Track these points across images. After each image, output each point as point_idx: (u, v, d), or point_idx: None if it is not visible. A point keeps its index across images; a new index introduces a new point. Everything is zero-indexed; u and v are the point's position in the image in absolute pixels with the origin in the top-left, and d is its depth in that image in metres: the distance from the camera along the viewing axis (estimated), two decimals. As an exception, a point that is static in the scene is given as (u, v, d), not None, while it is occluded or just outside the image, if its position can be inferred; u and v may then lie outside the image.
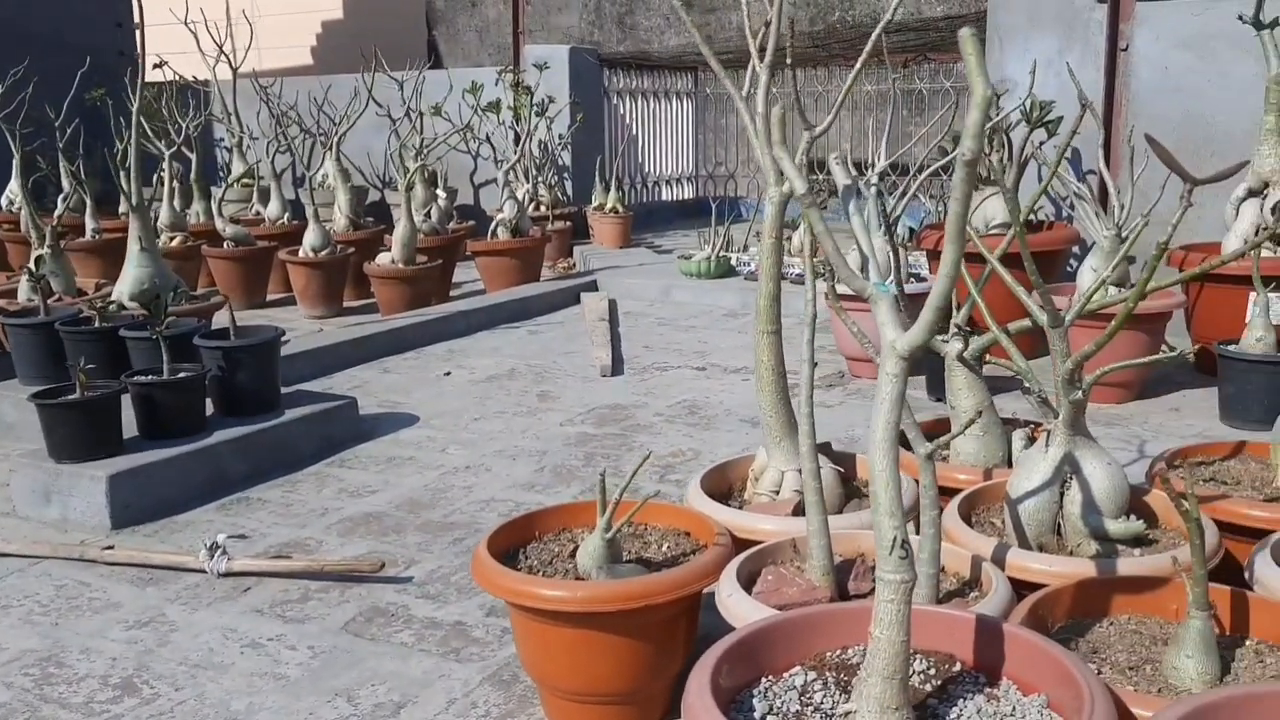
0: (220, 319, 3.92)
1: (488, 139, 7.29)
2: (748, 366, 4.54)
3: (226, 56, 7.58)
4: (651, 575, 1.83)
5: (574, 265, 7.00)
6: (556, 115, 7.97)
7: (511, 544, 2.07)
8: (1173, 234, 1.95)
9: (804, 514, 2.16)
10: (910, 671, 1.48)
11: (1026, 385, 2.05)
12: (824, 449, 2.38)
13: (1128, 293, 2.43)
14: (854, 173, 4.49)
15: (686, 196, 10.17)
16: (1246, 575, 1.81)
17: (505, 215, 6.14)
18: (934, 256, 4.55)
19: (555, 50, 8.42)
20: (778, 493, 2.20)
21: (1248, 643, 1.64)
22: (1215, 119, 4.52)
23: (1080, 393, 1.91)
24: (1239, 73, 4.39)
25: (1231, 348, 3.56)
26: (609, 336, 4.96)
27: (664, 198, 9.95)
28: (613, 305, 5.71)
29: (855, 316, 2.54)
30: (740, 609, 1.70)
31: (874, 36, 2.10)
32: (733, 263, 6.23)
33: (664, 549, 2.05)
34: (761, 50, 2.20)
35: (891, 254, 4.23)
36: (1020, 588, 1.78)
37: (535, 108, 7.65)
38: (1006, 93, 4.75)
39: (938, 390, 3.66)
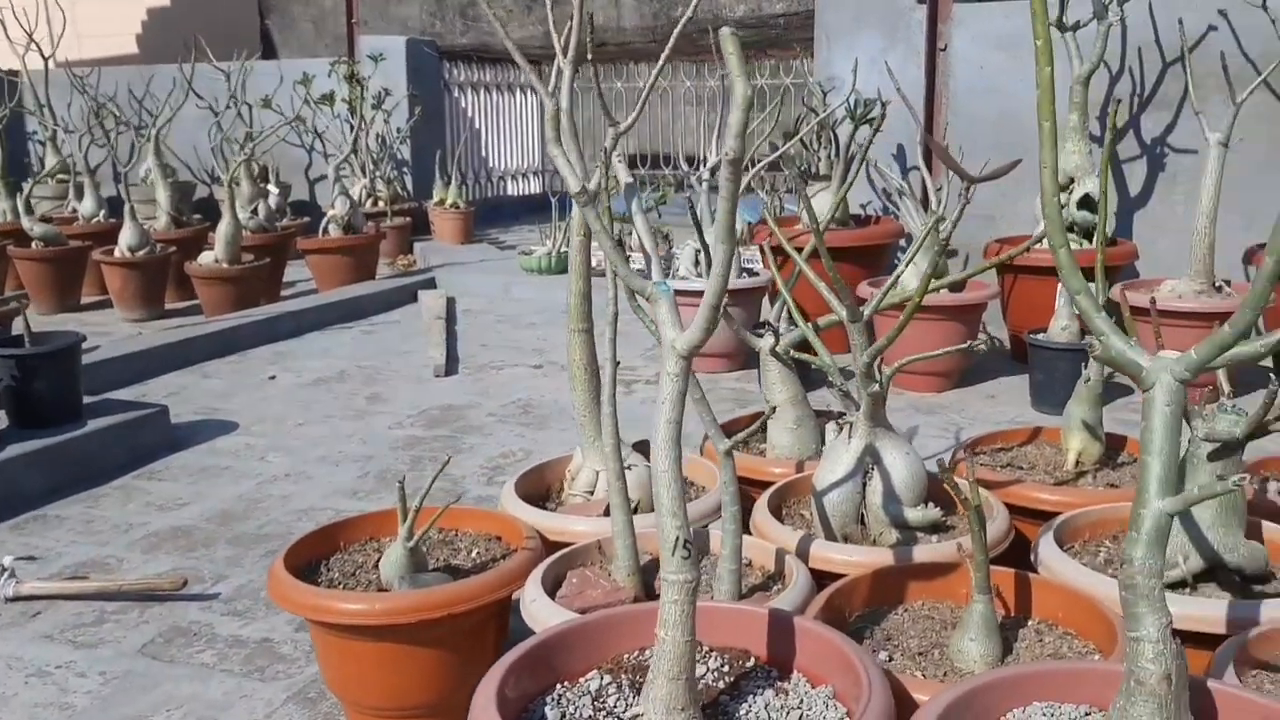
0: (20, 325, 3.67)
1: (316, 133, 7.04)
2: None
3: (36, 44, 7.11)
4: (453, 584, 1.78)
5: (414, 262, 6.84)
6: (394, 108, 7.79)
7: (314, 556, 1.98)
8: (951, 231, 2.01)
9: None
10: (704, 670, 1.48)
11: (830, 379, 2.08)
12: (642, 446, 2.38)
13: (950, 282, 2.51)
14: (685, 169, 4.54)
15: (533, 191, 10.10)
16: (1032, 557, 1.89)
17: (337, 211, 5.96)
18: (777, 252, 4.62)
19: (391, 41, 8.22)
20: (592, 493, 2.18)
21: (1030, 623, 1.71)
22: (1023, 117, 4.73)
23: (878, 385, 1.95)
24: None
25: (1040, 336, 3.72)
26: (445, 335, 4.87)
27: (509, 192, 9.86)
28: (451, 303, 5.61)
29: (690, 314, 2.54)
30: (542, 614, 1.67)
31: (674, 35, 2.08)
32: (573, 258, 6.19)
33: (474, 555, 2.01)
34: (601, 46, 2.17)
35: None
36: (825, 579, 1.80)
37: (371, 101, 7.45)
38: (833, 90, 4.86)
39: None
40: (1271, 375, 1.71)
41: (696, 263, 4.32)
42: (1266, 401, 1.69)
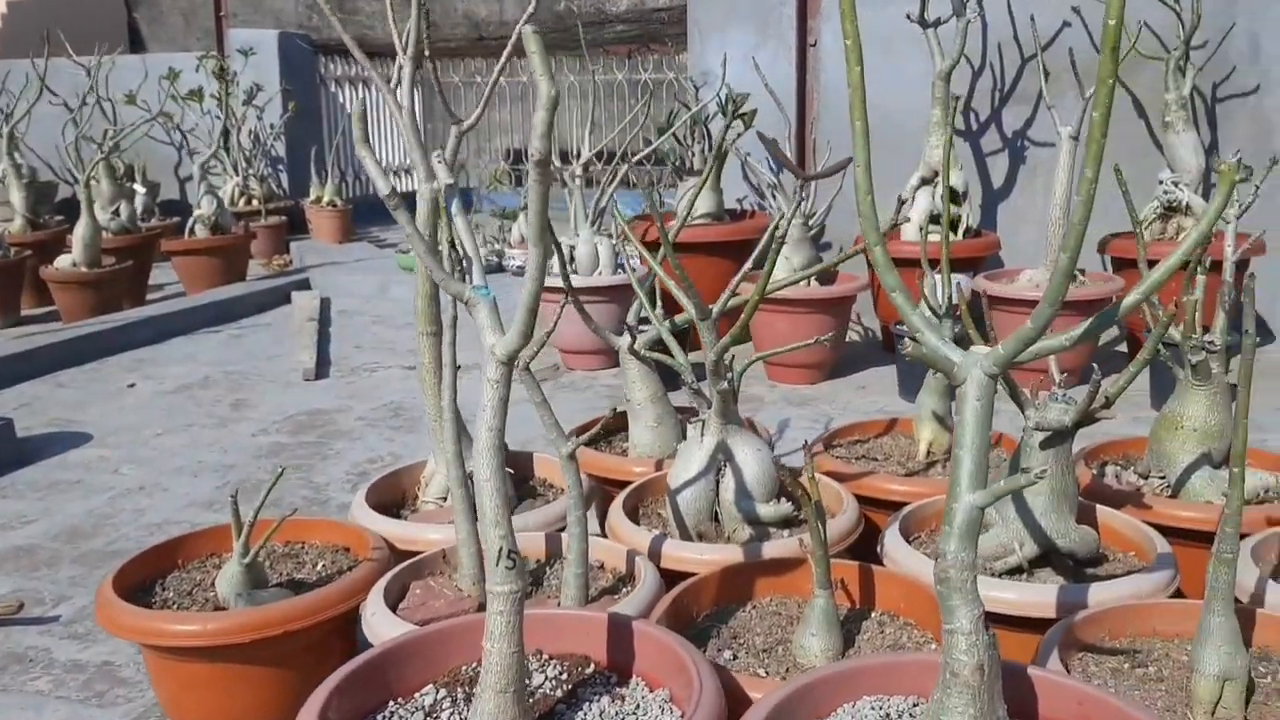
0: None
1: (180, 130, 6.78)
2: (462, 365, 4.46)
3: (-126, 37, 6.70)
4: (290, 600, 1.72)
5: (289, 262, 6.67)
6: (267, 104, 7.57)
7: (150, 575, 1.90)
8: (788, 227, 2.02)
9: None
10: (542, 679, 1.46)
11: (682, 379, 2.08)
12: (498, 449, 2.34)
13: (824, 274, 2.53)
14: (558, 164, 4.50)
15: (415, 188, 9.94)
16: (879, 549, 1.91)
17: (203, 211, 5.76)
18: (651, 248, 4.61)
19: (262, 35, 7.99)
20: (445, 499, 2.14)
21: (873, 614, 1.73)
22: (894, 112, 4.82)
23: (726, 383, 1.95)
24: (914, 68, 4.69)
25: (904, 327, 3.79)
26: (316, 337, 4.75)
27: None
28: (325, 304, 5.47)
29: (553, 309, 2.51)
30: (381, 628, 1.63)
31: (518, 28, 2.04)
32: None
33: (319, 568, 1.95)
34: (480, 40, 2.11)
35: (600, 246, 4.27)
36: (680, 579, 1.80)
37: (241, 96, 7.23)
38: (704, 85, 4.88)
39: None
40: (1094, 365, 1.76)
41: (572, 259, 4.29)
42: (1091, 391, 1.74)
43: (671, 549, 1.88)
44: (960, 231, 4.39)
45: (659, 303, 2.55)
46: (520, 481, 2.29)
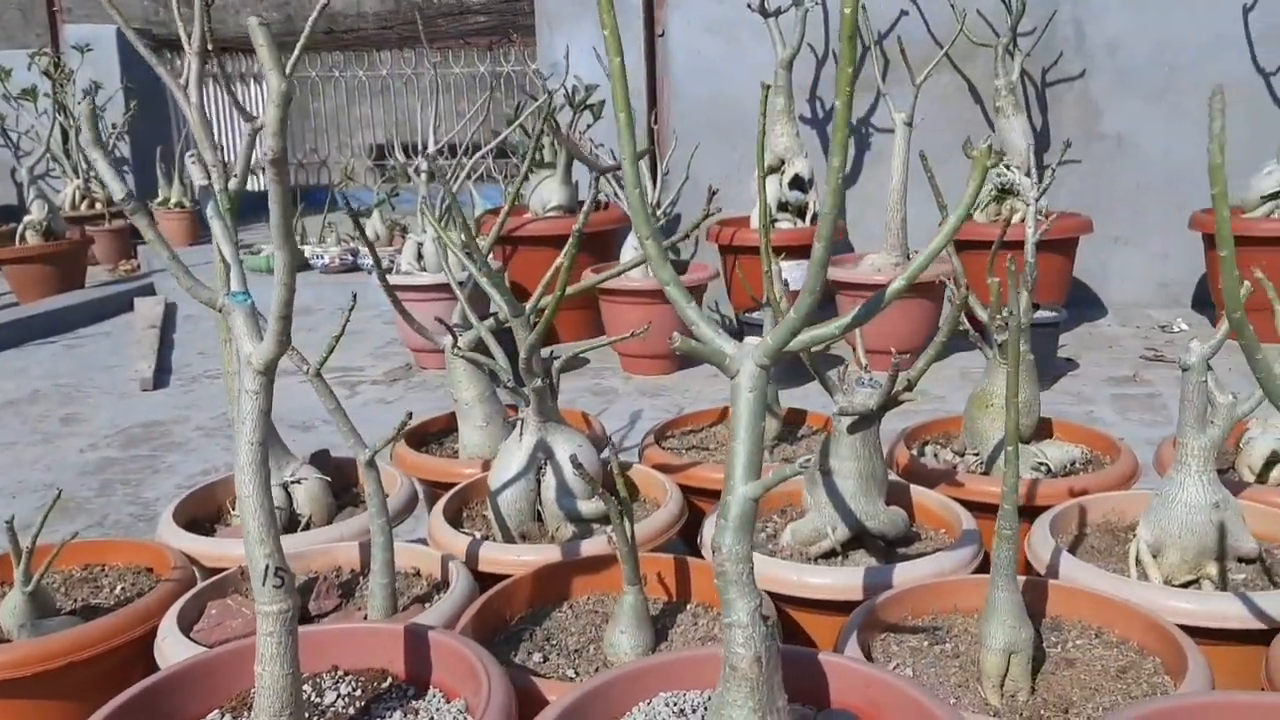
0: None
1: (3, 132, 6.42)
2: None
3: None
4: (77, 628, 1.63)
5: (137, 267, 6.39)
6: (107, 103, 7.23)
7: (-70, 609, 1.78)
8: (584, 219, 2.00)
9: (293, 531, 2.05)
10: (335, 697, 1.41)
11: (500, 379, 2.04)
12: (320, 457, 2.27)
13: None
14: (403, 159, 4.41)
15: (277, 186, 9.64)
16: (698, 540, 1.91)
17: (34, 216, 5.47)
18: (505, 242, 4.56)
19: (100, 31, 7.64)
20: (258, 511, 2.06)
21: (689, 607, 1.72)
22: (743, 100, 4.87)
23: (539, 380, 1.93)
24: (760, 57, 4.73)
25: (754, 315, 3.83)
26: (157, 345, 4.55)
27: (249, 188, 9.38)
28: (169, 310, 5.26)
29: (414, 308, 2.45)
30: (171, 652, 1.55)
31: (308, 27, 1.98)
32: (306, 255, 5.94)
33: (118, 592, 1.85)
34: (329, 33, 2.03)
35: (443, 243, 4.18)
36: (500, 581, 1.76)
37: (77, 95, 6.89)
38: (552, 76, 4.84)
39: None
40: (893, 350, 1.79)
41: (420, 256, 4.21)
42: (891, 375, 1.77)
43: (489, 552, 1.84)
44: (808, 218, 4.45)
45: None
46: (344, 489, 2.23)
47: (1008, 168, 4.25)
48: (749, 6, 4.37)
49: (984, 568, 1.81)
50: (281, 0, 9.96)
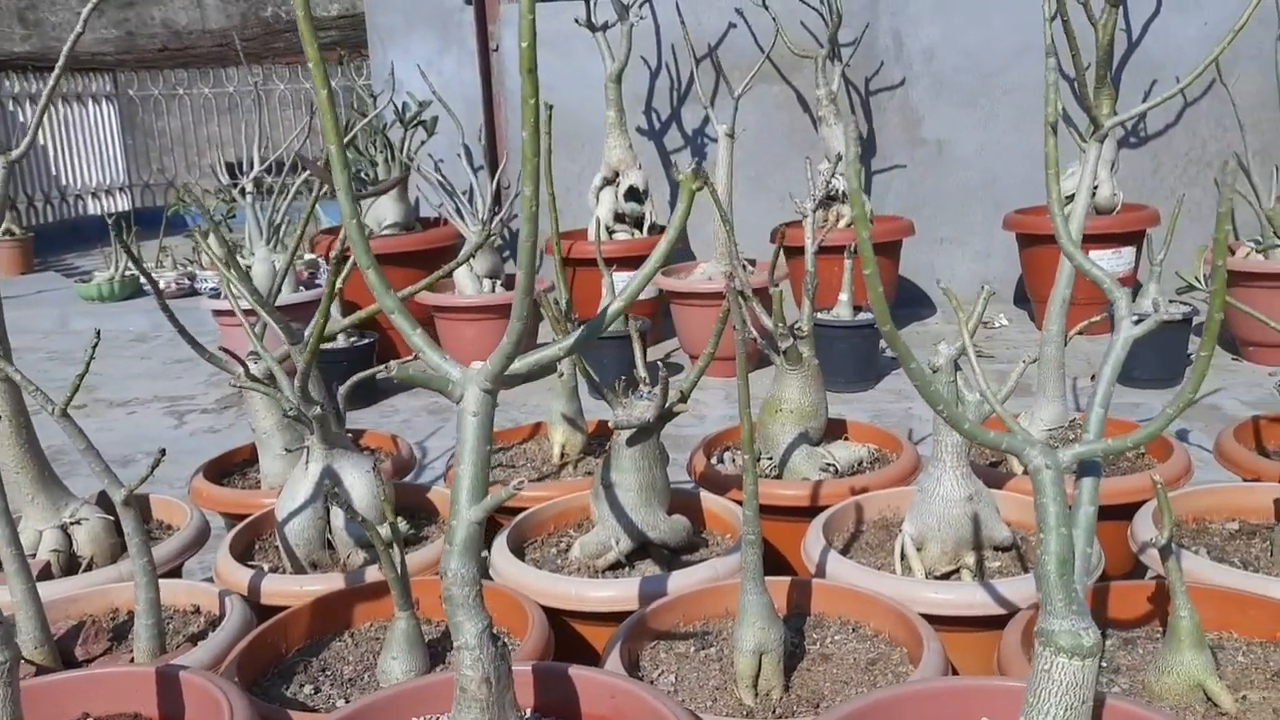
0: None
1: None
2: (139, 398, 4.21)
3: None
4: None
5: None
6: (-74, 127, 6.89)
7: None
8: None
9: (74, 573, 1.99)
10: (81, 745, 1.38)
11: (285, 409, 2.02)
12: (106, 498, 2.21)
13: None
14: (227, 179, 4.32)
15: (121, 209, 9.32)
16: (487, 559, 1.93)
17: None
18: (339, 261, 4.49)
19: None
20: (34, 555, 1.99)
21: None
22: (579, 114, 4.91)
23: (319, 408, 1.91)
24: (594, 71, 4.79)
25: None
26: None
27: (91, 212, 9.04)
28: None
29: (236, 332, 2.38)
30: (-85, 711, 1.49)
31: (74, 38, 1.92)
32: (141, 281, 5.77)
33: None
34: (162, 51, 1.95)
35: (278, 264, 4.11)
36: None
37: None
38: (383, 93, 4.80)
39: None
40: (660, 363, 1.83)
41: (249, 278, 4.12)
42: (662, 388, 1.81)
43: (271, 584, 1.82)
44: (645, 229, 4.52)
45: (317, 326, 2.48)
46: (160, 525, 2.18)
47: (835, 175, 4.39)
48: (576, 21, 4.41)
49: (769, 568, 1.88)
50: (121, 18, 9.63)
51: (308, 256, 4.94)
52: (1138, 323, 1.20)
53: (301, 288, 4.23)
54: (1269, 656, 1.49)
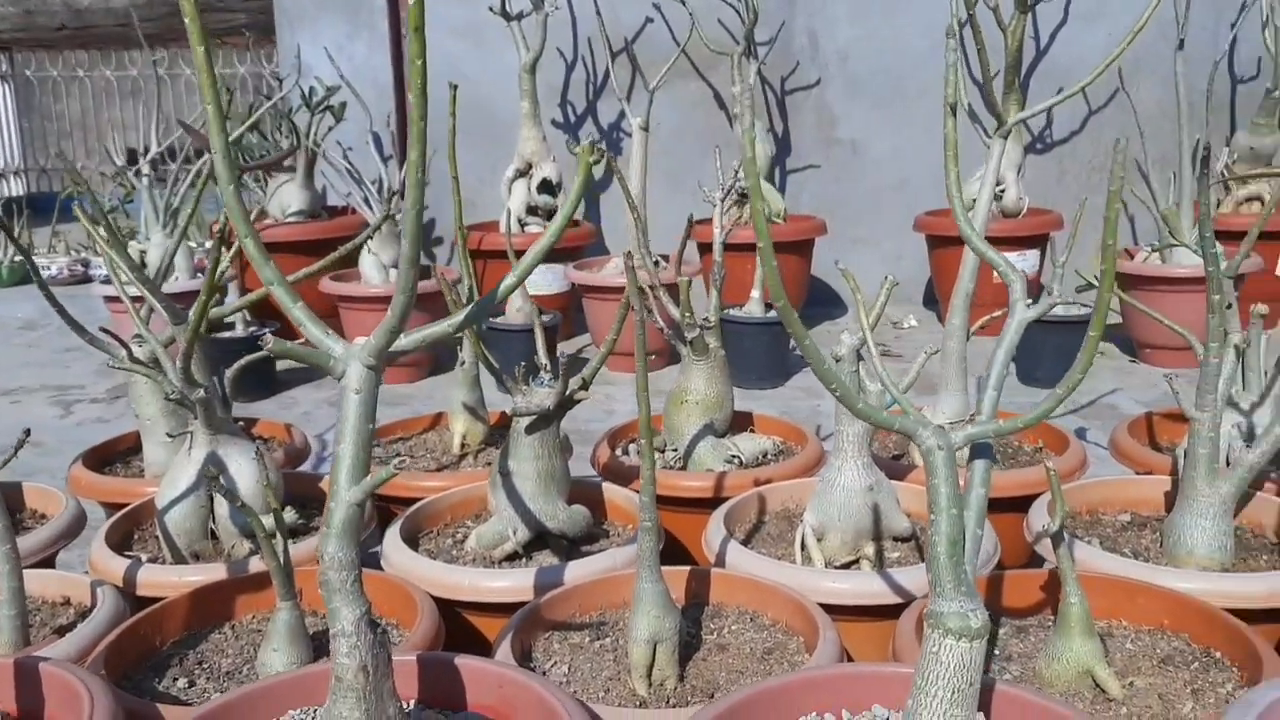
0: None
1: None
2: (26, 386, 4.03)
3: None
4: None
5: None
6: None
7: None
8: (251, 216, 1.92)
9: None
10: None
11: (168, 394, 1.92)
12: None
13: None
14: (122, 162, 4.15)
15: (14, 193, 8.95)
16: (379, 550, 1.87)
17: None
18: (221, 238, 4.35)
19: None
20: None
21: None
22: (494, 105, 4.83)
23: (203, 391, 1.83)
24: (509, 61, 4.71)
25: (497, 320, 3.81)
26: None
27: (-15, 196, 8.67)
28: None
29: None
30: None
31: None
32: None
33: None
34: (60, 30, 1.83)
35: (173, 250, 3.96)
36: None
37: None
38: (289, 77, 4.67)
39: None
40: (564, 353, 1.80)
41: (143, 264, 3.97)
42: (564, 375, 1.77)
43: (148, 574, 1.74)
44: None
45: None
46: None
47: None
48: (491, 9, 4.34)
49: (671, 560, 1.85)
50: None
51: (208, 244, 4.79)
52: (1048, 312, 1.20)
53: (199, 274, 4.09)
54: (1156, 644, 1.50)
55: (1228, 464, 1.96)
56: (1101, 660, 1.39)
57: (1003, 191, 4.26)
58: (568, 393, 1.80)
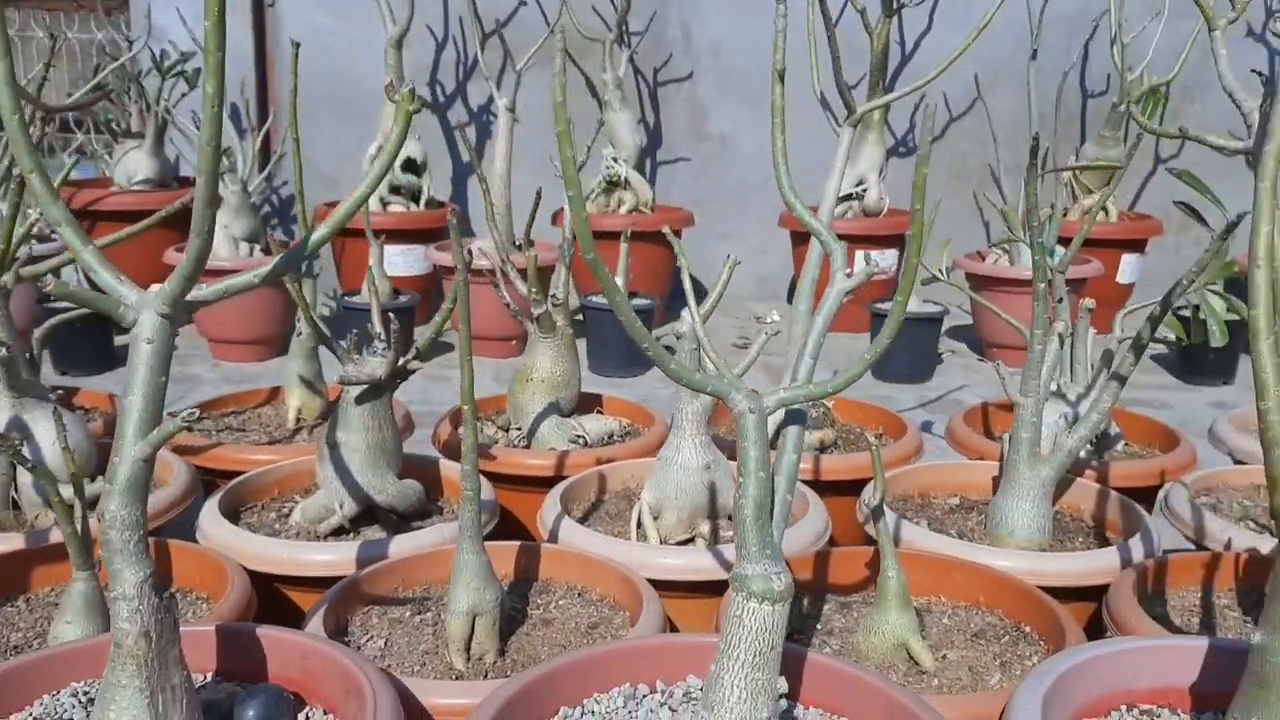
0: None
1: None
2: None
3: None
4: None
5: None
6: None
7: None
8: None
9: None
10: None
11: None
12: None
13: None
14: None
15: None
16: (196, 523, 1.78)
17: None
18: (84, 216, 4.13)
19: None
20: None
21: (167, 592, 1.59)
22: (359, 80, 4.70)
23: (4, 349, 1.71)
24: (376, 37, 4.59)
25: (354, 299, 3.71)
26: None
27: None
28: None
29: None
30: None
31: None
32: None
33: None
34: None
35: None
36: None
37: None
38: (138, 39, 4.46)
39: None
40: (391, 316, 1.74)
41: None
42: (397, 344, 1.72)
43: (-66, 545, 1.61)
44: (423, 203, 4.37)
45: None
46: None
47: (615, 160, 4.38)
48: (356, -18, 4.23)
49: (501, 535, 1.81)
50: None
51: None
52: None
53: (34, 241, 3.85)
54: (970, 619, 1.54)
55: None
56: (916, 633, 1.41)
57: (864, 191, 4.35)
58: (400, 362, 1.74)
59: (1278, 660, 1.00)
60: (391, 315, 1.74)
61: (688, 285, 1.73)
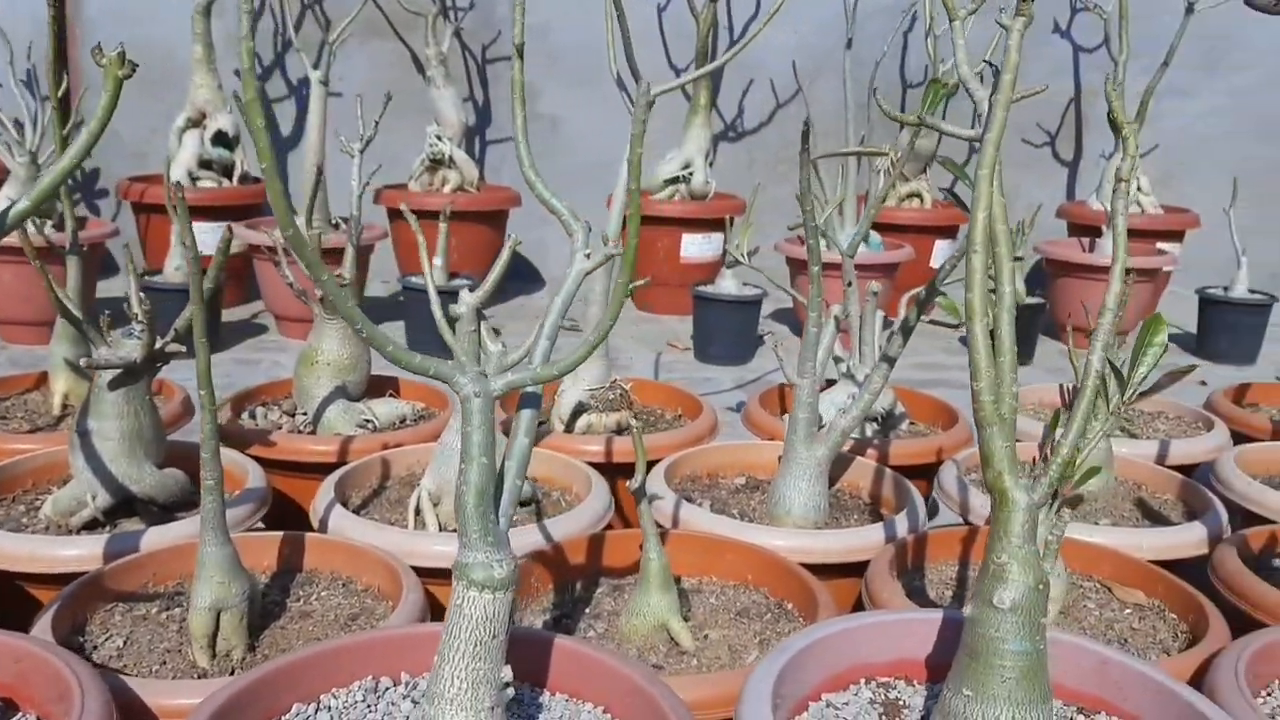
0: None
1: None
2: None
3: None
4: None
5: None
6: None
7: None
8: None
9: None
10: None
11: None
12: None
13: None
14: None
15: None
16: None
17: None
18: None
19: None
20: None
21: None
22: (171, 50, 4.47)
23: None
24: (187, 4, 4.36)
25: (156, 279, 3.53)
26: None
27: None
28: None
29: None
30: None
31: None
32: None
33: None
34: None
35: None
36: None
37: None
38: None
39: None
40: (143, 296, 1.65)
41: None
42: (149, 325, 1.63)
43: None
44: (236, 178, 4.19)
45: None
46: None
47: (439, 138, 4.29)
48: (162, -56, 4.00)
49: (283, 524, 1.74)
50: None
51: None
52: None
53: None
54: (737, 598, 1.56)
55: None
56: (676, 614, 1.42)
57: (691, 174, 4.38)
58: (158, 345, 1.65)
59: (986, 632, 1.04)
60: (143, 296, 1.64)
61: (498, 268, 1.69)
